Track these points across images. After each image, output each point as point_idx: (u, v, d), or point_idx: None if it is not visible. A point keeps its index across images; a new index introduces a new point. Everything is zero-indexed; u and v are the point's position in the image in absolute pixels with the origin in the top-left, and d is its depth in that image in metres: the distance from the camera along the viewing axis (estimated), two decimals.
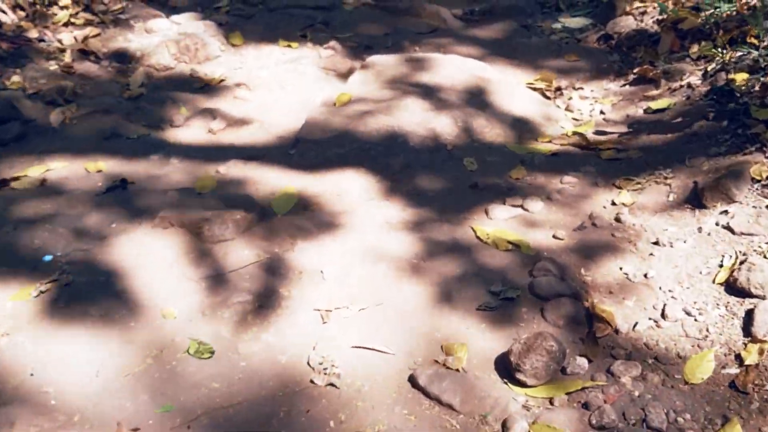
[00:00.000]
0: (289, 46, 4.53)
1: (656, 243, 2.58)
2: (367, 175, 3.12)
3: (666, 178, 2.93)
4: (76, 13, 4.57)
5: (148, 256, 2.58)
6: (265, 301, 2.40)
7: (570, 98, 3.88)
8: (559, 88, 3.99)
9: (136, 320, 2.31)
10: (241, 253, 2.61)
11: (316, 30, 4.80)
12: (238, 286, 2.47)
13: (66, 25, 4.47)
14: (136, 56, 4.21)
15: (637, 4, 4.52)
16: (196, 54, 4.25)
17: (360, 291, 2.44)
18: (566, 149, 3.35)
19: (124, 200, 2.90)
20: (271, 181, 3.07)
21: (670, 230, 2.63)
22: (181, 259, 2.58)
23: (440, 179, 3.10)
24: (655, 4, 4.42)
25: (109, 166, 3.18)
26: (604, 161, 3.20)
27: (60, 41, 4.28)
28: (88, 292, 2.40)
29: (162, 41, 4.29)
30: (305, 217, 2.84)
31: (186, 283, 2.48)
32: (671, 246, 2.55)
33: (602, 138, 3.40)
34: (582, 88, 3.97)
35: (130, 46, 4.30)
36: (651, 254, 2.54)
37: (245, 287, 2.46)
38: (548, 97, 3.91)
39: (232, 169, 3.14)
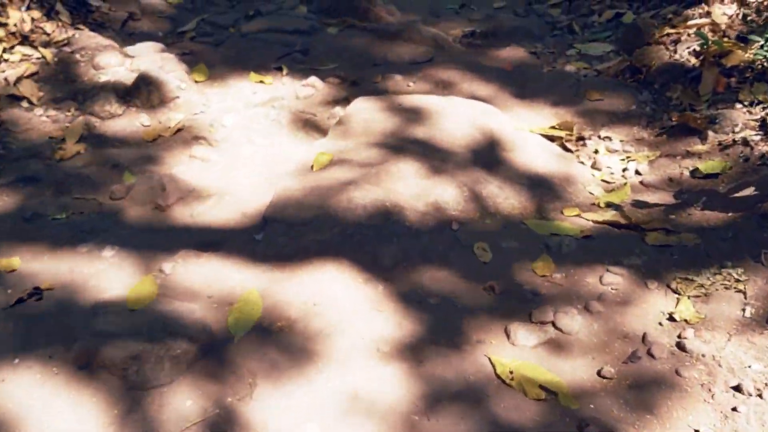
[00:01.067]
0: (261, 81, 3.85)
1: (738, 389, 1.92)
2: (352, 271, 2.45)
3: (737, 280, 2.28)
4: (12, 47, 3.87)
5: (57, 413, 1.91)
6: None
7: (596, 151, 3.22)
8: (582, 138, 3.33)
9: None
10: (181, 406, 1.94)
11: (293, 60, 4.12)
12: None
13: None
14: (77, 101, 3.53)
15: (667, 30, 3.84)
16: (150, 96, 3.56)
17: None
18: (600, 228, 2.68)
19: (34, 320, 2.22)
20: (230, 282, 2.40)
21: (755, 368, 1.97)
22: (100, 416, 1.91)
23: (446, 277, 2.44)
24: (690, 31, 3.75)
25: (25, 262, 2.50)
26: (651, 248, 2.54)
27: None
28: None
29: (109, 81, 3.61)
30: (270, 341, 2.17)
31: None
32: (760, 396, 1.89)
33: (644, 212, 2.74)
34: (609, 138, 3.30)
35: (71, 89, 3.61)
36: (734, 409, 1.88)
37: None
38: (569, 150, 3.25)
39: (180, 267, 2.46)
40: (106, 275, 2.43)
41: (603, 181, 3.03)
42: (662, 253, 2.51)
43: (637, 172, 3.04)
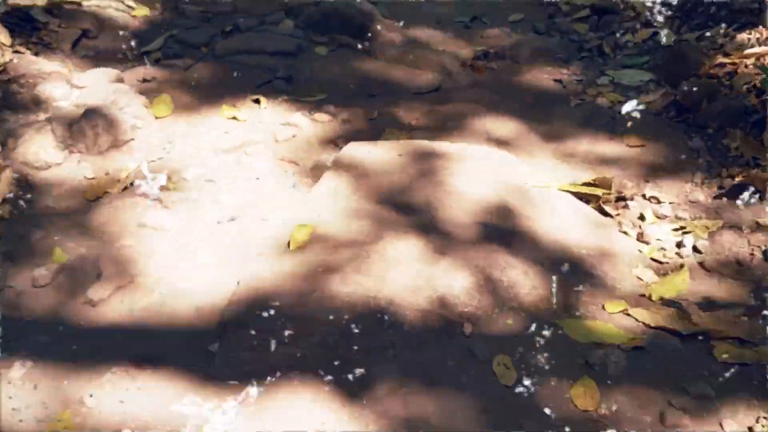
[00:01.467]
0: (234, 117, 3.25)
1: None
2: (334, 401, 1.86)
3: None
4: None
5: None
6: None
7: (642, 217, 2.61)
8: (622, 197, 2.72)
9: None
10: None
11: (274, 89, 3.51)
12: None
13: None
14: (7, 147, 2.92)
15: (720, 59, 3.22)
16: (97, 140, 2.96)
17: None
18: (654, 333, 2.08)
19: None
20: (173, 422, 1.80)
21: None
22: None
23: (458, 410, 1.85)
24: (748, 62, 3.14)
25: None
26: (721, 368, 1.93)
27: None
28: None
29: (50, 119, 3.00)
30: None
31: None
32: None
33: (710, 315, 2.13)
34: (657, 199, 2.69)
35: (2, 130, 3.00)
36: None
37: None
38: (608, 214, 2.64)
39: (108, 396, 1.87)
40: (11, 408, 1.83)
41: (653, 259, 2.42)
42: (737, 374, 1.91)
43: (696, 249, 2.43)
